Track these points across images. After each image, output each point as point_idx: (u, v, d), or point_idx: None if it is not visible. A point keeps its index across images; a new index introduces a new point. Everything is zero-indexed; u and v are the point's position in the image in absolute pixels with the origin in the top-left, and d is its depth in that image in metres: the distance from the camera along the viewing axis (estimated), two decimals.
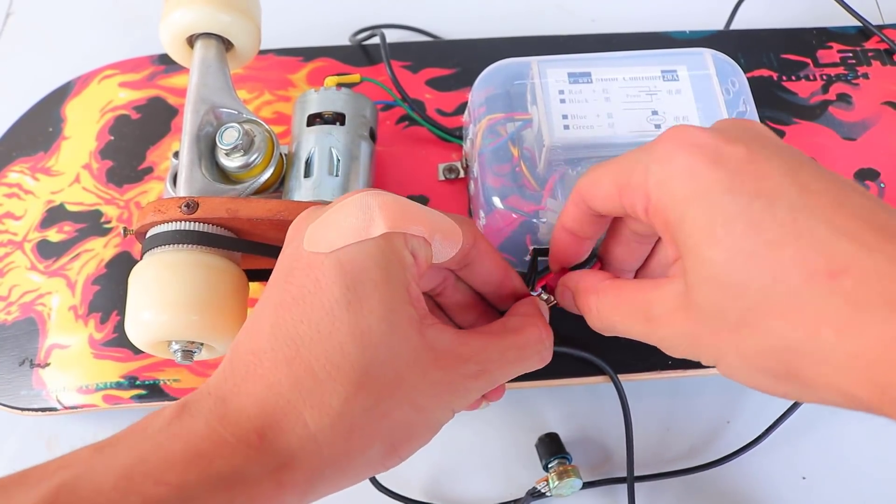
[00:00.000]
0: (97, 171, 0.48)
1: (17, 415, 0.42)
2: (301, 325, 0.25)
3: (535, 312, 0.31)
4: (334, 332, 0.24)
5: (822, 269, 0.21)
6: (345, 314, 0.24)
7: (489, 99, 0.42)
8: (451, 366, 0.26)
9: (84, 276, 0.44)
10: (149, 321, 0.34)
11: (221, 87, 0.40)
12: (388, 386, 0.25)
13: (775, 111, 0.48)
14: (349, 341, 0.24)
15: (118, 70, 0.51)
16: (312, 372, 0.24)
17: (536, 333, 0.30)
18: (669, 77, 0.41)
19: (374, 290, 0.25)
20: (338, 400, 0.24)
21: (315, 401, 0.24)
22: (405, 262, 0.26)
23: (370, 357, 0.24)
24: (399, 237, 0.26)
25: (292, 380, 0.24)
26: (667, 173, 0.25)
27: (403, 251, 0.26)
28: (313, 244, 0.26)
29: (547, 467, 0.40)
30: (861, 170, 0.46)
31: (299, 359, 0.24)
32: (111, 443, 0.24)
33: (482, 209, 0.41)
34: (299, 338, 0.25)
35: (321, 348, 0.24)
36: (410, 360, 0.25)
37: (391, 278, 0.26)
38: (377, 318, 0.25)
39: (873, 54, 0.51)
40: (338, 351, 0.24)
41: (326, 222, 0.27)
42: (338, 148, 0.39)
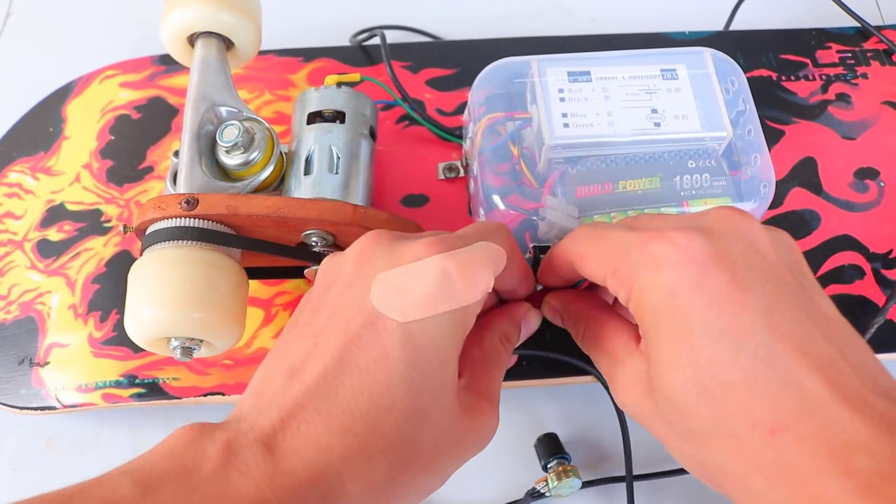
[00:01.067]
0: (97, 170, 0.48)
1: (17, 414, 0.42)
2: (361, 396, 0.24)
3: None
4: (392, 411, 0.24)
5: (765, 422, 0.22)
6: (405, 393, 0.24)
7: (489, 98, 0.42)
8: (476, 429, 0.27)
9: (84, 275, 0.44)
10: (148, 317, 0.34)
11: (222, 86, 0.40)
12: (429, 462, 0.25)
13: (775, 111, 0.48)
14: (404, 421, 0.24)
15: (119, 70, 0.52)
16: (365, 447, 0.24)
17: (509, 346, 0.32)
18: (669, 76, 0.41)
19: (438, 371, 0.25)
20: (384, 477, 0.24)
21: (362, 475, 0.24)
22: (469, 328, 0.27)
23: (420, 437, 0.25)
24: (474, 305, 0.27)
25: (344, 451, 0.24)
26: (651, 283, 0.25)
27: (473, 316, 0.27)
28: (386, 306, 0.25)
29: (546, 467, 0.40)
30: (860, 169, 0.46)
31: (354, 431, 0.24)
32: (154, 486, 0.22)
33: (482, 208, 0.41)
34: (357, 409, 0.24)
35: (377, 425, 0.24)
36: (451, 435, 0.26)
37: (457, 354, 0.26)
38: (432, 399, 0.25)
39: (872, 54, 0.51)
40: (392, 429, 0.24)
41: (401, 285, 0.26)
42: (338, 146, 0.39)
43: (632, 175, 0.39)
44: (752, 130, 0.40)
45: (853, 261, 0.43)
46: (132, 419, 0.43)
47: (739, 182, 0.40)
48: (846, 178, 0.46)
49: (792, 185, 0.46)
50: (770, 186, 0.39)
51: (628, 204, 0.39)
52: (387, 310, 0.25)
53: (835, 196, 0.46)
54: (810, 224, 0.45)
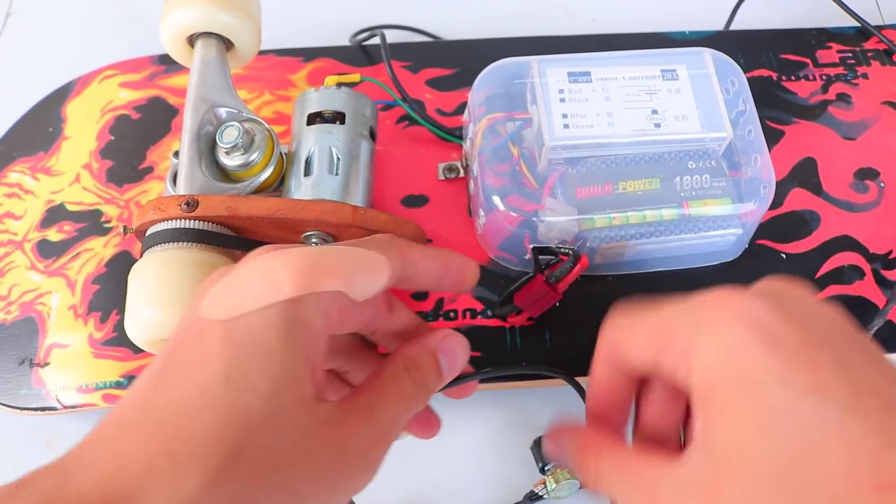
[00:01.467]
0: (97, 170, 0.48)
1: (17, 414, 0.42)
2: (175, 402, 0.22)
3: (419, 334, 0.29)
4: (206, 411, 0.21)
5: (869, 479, 0.20)
6: (223, 392, 0.22)
7: (489, 98, 0.42)
8: (339, 448, 0.23)
9: (84, 276, 0.44)
10: (148, 319, 0.34)
11: (222, 86, 0.40)
12: (263, 472, 0.21)
13: (775, 111, 0.48)
14: (222, 422, 0.21)
15: (118, 70, 0.52)
16: (171, 453, 0.21)
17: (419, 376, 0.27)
18: (669, 76, 0.41)
19: (264, 366, 0.22)
20: (194, 486, 0.20)
21: (166, 485, 0.20)
22: (312, 328, 0.24)
23: (244, 440, 0.21)
24: (312, 298, 0.24)
25: (146, 459, 0.21)
26: (717, 347, 0.23)
27: (314, 315, 0.24)
28: (210, 310, 0.24)
29: (544, 470, 0.40)
30: (861, 169, 0.46)
31: (158, 435, 0.21)
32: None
33: (482, 208, 0.41)
34: (169, 413, 0.22)
35: (188, 427, 0.21)
36: (299, 447, 0.22)
37: (291, 350, 0.23)
38: (260, 398, 0.22)
39: (873, 54, 0.51)
40: (207, 432, 0.21)
41: (227, 286, 0.24)
42: (338, 147, 0.39)
43: (632, 176, 0.39)
44: (753, 131, 0.40)
45: (853, 261, 0.43)
46: None
47: (739, 182, 0.40)
48: (846, 179, 0.46)
49: (792, 185, 0.46)
50: (770, 187, 0.39)
51: (628, 205, 0.39)
52: (211, 312, 0.24)
53: (835, 196, 0.46)
54: (810, 224, 0.45)
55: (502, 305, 0.41)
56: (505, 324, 0.42)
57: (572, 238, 0.39)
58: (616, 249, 0.40)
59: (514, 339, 0.42)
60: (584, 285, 0.42)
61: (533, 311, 0.39)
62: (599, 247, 0.40)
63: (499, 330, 0.42)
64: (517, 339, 0.42)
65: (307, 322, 0.24)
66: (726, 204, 0.39)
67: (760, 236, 0.44)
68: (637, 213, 0.39)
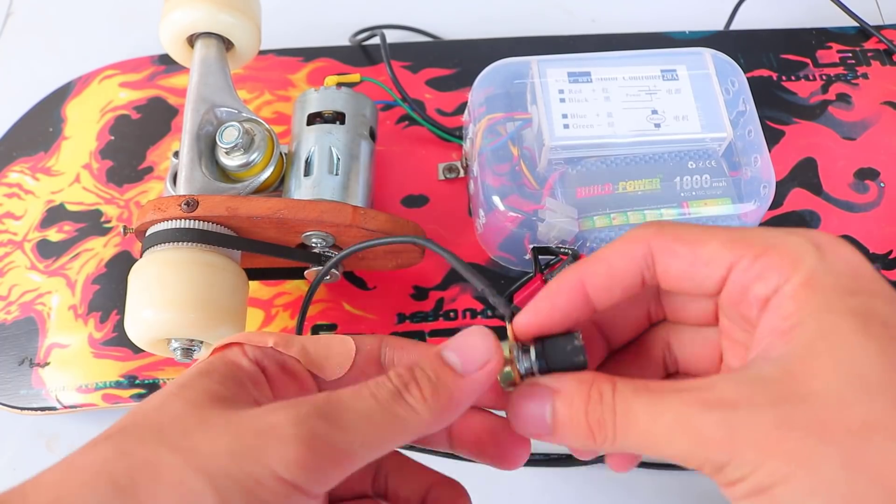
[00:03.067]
0: (97, 170, 0.48)
1: (17, 414, 0.42)
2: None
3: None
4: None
5: None
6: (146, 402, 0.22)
7: (489, 98, 0.42)
8: (255, 415, 0.21)
9: (84, 276, 0.44)
10: (148, 319, 0.34)
11: (222, 87, 0.40)
12: (144, 430, 0.21)
13: (775, 111, 0.48)
14: (129, 417, 0.22)
15: (118, 70, 0.52)
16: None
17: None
18: (669, 76, 0.41)
19: (169, 385, 0.23)
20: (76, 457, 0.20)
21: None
22: (236, 363, 0.24)
23: (136, 419, 0.21)
24: (234, 348, 0.25)
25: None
26: (837, 264, 0.21)
27: (237, 357, 0.24)
28: None
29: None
30: (861, 169, 0.46)
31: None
32: None
33: (482, 208, 0.41)
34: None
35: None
36: (183, 413, 0.21)
37: (205, 371, 0.23)
38: (157, 395, 0.22)
39: (873, 54, 0.51)
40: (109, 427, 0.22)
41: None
42: (338, 147, 0.39)
43: (632, 176, 0.39)
44: (753, 131, 0.40)
45: None
46: None
47: (740, 182, 0.40)
48: (846, 179, 0.46)
49: (792, 185, 0.46)
50: (770, 187, 0.39)
51: (628, 205, 0.39)
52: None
53: (835, 196, 0.46)
54: (810, 224, 0.45)
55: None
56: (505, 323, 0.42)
57: (572, 238, 0.39)
58: None
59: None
60: None
61: None
62: (599, 247, 0.40)
63: (498, 330, 0.42)
64: None
65: (223, 359, 0.24)
66: (726, 204, 0.39)
67: None
68: (637, 213, 0.39)
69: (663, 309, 0.26)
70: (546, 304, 0.25)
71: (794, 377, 0.20)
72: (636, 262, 0.23)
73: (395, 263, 0.41)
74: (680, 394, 0.21)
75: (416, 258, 0.41)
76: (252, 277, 0.39)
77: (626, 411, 0.21)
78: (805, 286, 0.21)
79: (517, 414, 0.23)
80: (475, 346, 0.23)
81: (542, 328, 0.25)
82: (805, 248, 0.21)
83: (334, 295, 0.43)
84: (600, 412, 0.22)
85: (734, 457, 0.19)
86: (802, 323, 0.20)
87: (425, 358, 0.23)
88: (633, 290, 0.24)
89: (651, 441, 0.21)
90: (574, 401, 0.22)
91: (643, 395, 0.21)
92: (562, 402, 0.23)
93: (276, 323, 0.42)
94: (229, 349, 0.25)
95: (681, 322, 0.26)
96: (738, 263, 0.22)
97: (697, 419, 0.20)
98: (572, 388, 0.23)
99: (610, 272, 0.24)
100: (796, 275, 0.21)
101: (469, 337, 0.23)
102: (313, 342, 0.26)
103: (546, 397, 0.23)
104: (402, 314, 0.43)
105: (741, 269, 0.22)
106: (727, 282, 0.23)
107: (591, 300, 0.24)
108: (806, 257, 0.21)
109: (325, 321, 0.42)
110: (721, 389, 0.20)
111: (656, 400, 0.21)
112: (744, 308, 0.23)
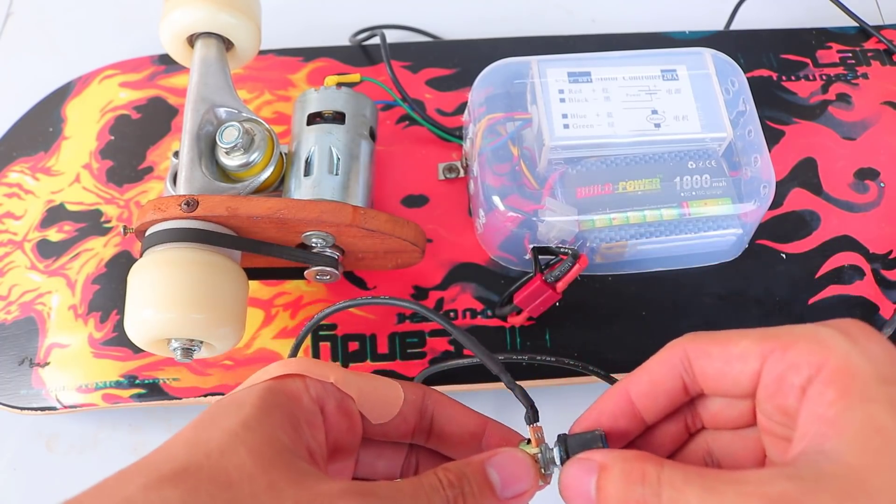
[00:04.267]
0: (97, 170, 0.48)
1: (17, 414, 0.42)
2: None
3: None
4: (168, 444, 0.23)
5: None
6: (188, 431, 0.23)
7: (489, 98, 0.42)
8: (314, 488, 0.22)
9: (84, 276, 0.44)
10: (148, 319, 0.34)
11: (222, 87, 0.40)
12: (207, 482, 0.21)
13: (775, 111, 0.48)
14: (179, 448, 0.22)
15: (118, 70, 0.52)
16: (123, 472, 0.22)
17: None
18: (669, 76, 0.41)
19: (232, 410, 0.23)
20: (133, 489, 0.21)
21: (106, 491, 0.21)
22: (290, 395, 0.25)
23: (193, 459, 0.22)
24: (296, 379, 0.25)
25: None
26: (869, 352, 0.22)
27: (300, 391, 0.25)
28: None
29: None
30: (861, 169, 0.46)
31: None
32: None
33: (482, 208, 0.41)
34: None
35: (149, 457, 0.22)
36: (252, 470, 0.21)
37: (262, 404, 0.24)
38: (221, 432, 0.22)
39: (873, 54, 0.51)
40: (161, 454, 0.22)
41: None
42: (338, 147, 0.39)
43: (632, 176, 0.39)
44: (753, 131, 0.40)
45: (853, 261, 0.43)
46: (132, 419, 0.44)
47: (740, 182, 0.40)
48: (846, 179, 0.46)
49: (792, 185, 0.46)
50: (770, 187, 0.39)
51: (628, 205, 0.39)
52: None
53: (835, 196, 0.46)
54: (810, 224, 0.45)
55: (502, 305, 0.41)
56: (505, 324, 0.42)
57: (572, 238, 0.39)
58: (616, 249, 0.40)
59: (514, 339, 0.42)
60: (584, 285, 0.42)
61: (533, 311, 0.39)
62: (599, 247, 0.40)
63: (499, 330, 0.42)
64: (517, 339, 0.42)
65: (284, 390, 0.25)
66: (726, 204, 0.39)
67: (760, 236, 0.44)
68: (637, 213, 0.39)
69: (700, 418, 0.27)
70: (594, 414, 0.27)
71: (855, 473, 0.20)
72: (674, 367, 0.25)
73: (395, 263, 0.41)
74: (737, 485, 0.20)
75: (415, 258, 0.41)
76: (252, 277, 0.39)
77: (674, 498, 0.21)
78: (841, 372, 0.21)
79: (564, 486, 0.25)
80: (517, 476, 0.25)
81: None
82: (834, 336, 0.22)
83: (334, 295, 0.43)
84: (640, 493, 0.22)
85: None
86: (849, 411, 0.21)
87: (472, 471, 0.24)
88: (675, 396, 0.25)
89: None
90: (616, 476, 0.23)
91: (695, 483, 0.21)
92: (605, 477, 0.23)
93: (276, 323, 0.43)
94: (291, 380, 0.25)
95: (720, 427, 0.27)
96: (771, 356, 0.23)
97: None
98: (616, 462, 0.23)
99: (651, 378, 0.26)
100: (830, 361, 0.22)
101: (514, 463, 0.25)
102: (367, 382, 0.27)
103: (591, 471, 0.24)
104: (402, 314, 0.43)
105: (774, 360, 0.23)
106: (761, 375, 0.23)
107: (637, 411, 0.26)
108: (837, 344, 0.22)
109: (325, 321, 0.42)
110: (782, 485, 0.20)
111: (710, 488, 0.21)
112: (780, 399, 0.23)
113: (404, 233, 0.38)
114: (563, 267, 0.37)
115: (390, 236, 0.37)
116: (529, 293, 0.38)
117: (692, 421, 0.27)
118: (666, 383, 0.25)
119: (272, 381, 0.25)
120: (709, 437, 0.27)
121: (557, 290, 0.38)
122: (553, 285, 0.38)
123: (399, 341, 0.42)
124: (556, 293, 0.38)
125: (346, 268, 0.43)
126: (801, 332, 0.23)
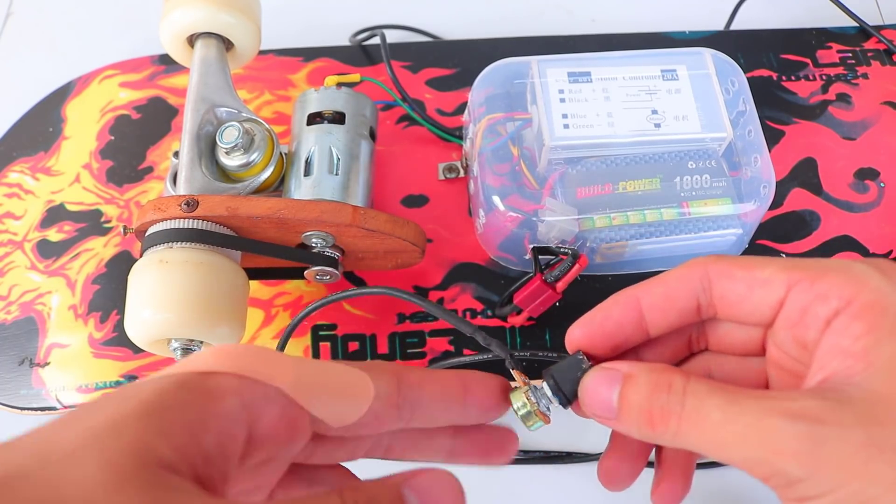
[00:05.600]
0: (97, 170, 0.48)
1: (17, 414, 0.42)
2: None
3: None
4: (20, 437, 0.18)
5: None
6: (48, 424, 0.18)
7: (489, 98, 0.42)
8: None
9: (84, 276, 0.44)
10: (148, 319, 0.34)
11: (222, 87, 0.40)
12: (27, 500, 0.16)
13: (775, 111, 0.48)
14: (23, 445, 0.17)
15: (119, 70, 0.52)
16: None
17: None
18: (669, 76, 0.41)
19: (107, 409, 0.18)
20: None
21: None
22: (217, 398, 0.19)
23: (24, 461, 0.16)
24: (229, 378, 0.20)
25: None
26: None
27: (224, 392, 0.20)
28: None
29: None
30: (861, 169, 0.46)
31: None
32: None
33: (482, 208, 0.41)
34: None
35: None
36: (87, 480, 0.16)
37: (160, 406, 0.18)
38: (79, 431, 0.17)
39: (873, 54, 0.51)
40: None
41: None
42: (338, 147, 0.39)
43: (632, 176, 0.39)
44: (753, 131, 0.40)
45: None
46: None
47: (740, 182, 0.40)
48: (846, 179, 0.46)
49: (792, 185, 0.46)
50: (770, 187, 0.39)
51: (628, 205, 0.39)
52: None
53: (835, 196, 0.46)
54: (810, 224, 0.45)
55: (502, 305, 0.41)
56: (505, 324, 0.42)
57: (572, 238, 0.39)
58: (616, 249, 0.40)
59: (514, 339, 0.42)
60: (585, 285, 0.42)
61: (533, 311, 0.39)
62: (599, 247, 0.40)
63: (499, 330, 0.42)
64: (517, 339, 0.42)
65: (201, 387, 0.20)
66: (726, 204, 0.39)
67: (760, 236, 0.44)
68: (637, 213, 0.39)
69: (706, 338, 0.26)
70: (600, 315, 0.25)
71: (884, 400, 0.20)
72: (693, 284, 0.24)
73: (395, 263, 0.41)
74: (759, 400, 0.21)
75: (415, 258, 0.41)
76: (252, 277, 0.39)
77: (696, 406, 0.21)
78: (873, 307, 0.21)
79: (586, 395, 0.24)
80: (439, 500, 0.20)
81: (592, 340, 0.25)
82: (867, 271, 0.22)
83: None
84: (665, 400, 0.22)
85: (815, 473, 0.19)
86: (879, 345, 0.20)
87: (385, 494, 0.19)
88: (687, 315, 0.24)
89: (718, 442, 0.21)
90: (641, 385, 0.22)
91: (718, 394, 0.21)
92: (629, 386, 0.23)
93: (277, 323, 0.42)
94: (221, 377, 0.20)
95: (725, 352, 0.26)
96: (798, 285, 0.22)
97: (778, 428, 0.20)
98: (642, 373, 0.23)
99: (667, 292, 0.24)
100: (862, 295, 0.21)
101: (437, 485, 0.20)
102: (331, 380, 0.22)
103: (615, 380, 0.23)
104: (402, 314, 0.43)
105: (800, 289, 0.22)
106: (784, 304, 0.23)
107: (644, 322, 0.24)
108: (871, 279, 0.21)
109: (325, 321, 0.42)
110: (806, 403, 0.20)
111: (733, 400, 0.21)
112: (800, 330, 0.22)
113: (404, 233, 0.38)
114: (563, 267, 0.37)
115: (390, 236, 0.37)
116: (529, 293, 0.38)
117: (696, 340, 0.27)
118: (680, 301, 0.24)
119: (192, 374, 0.20)
120: (711, 359, 0.27)
121: (557, 290, 0.38)
122: (553, 285, 0.38)
123: (399, 341, 0.42)
124: (556, 293, 0.38)
125: (346, 268, 0.43)
126: (833, 264, 0.22)
